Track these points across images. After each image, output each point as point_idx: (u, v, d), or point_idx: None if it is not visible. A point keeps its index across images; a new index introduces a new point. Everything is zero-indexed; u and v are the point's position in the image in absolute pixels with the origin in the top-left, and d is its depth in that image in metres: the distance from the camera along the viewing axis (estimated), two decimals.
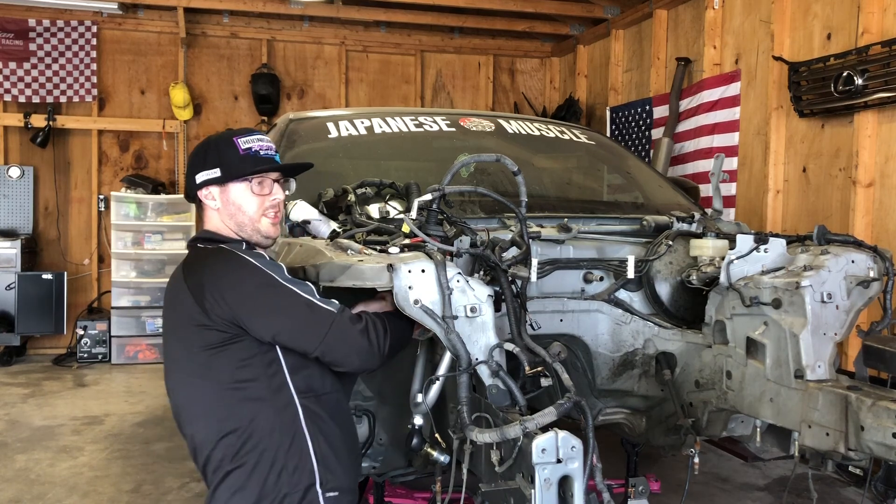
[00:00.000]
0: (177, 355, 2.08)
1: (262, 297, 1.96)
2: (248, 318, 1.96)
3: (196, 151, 2.23)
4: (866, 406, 2.10)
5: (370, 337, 1.99)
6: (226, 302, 1.95)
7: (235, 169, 2.14)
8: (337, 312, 1.98)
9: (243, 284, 1.97)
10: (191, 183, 2.20)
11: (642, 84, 7.19)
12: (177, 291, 2.07)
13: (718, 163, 3.13)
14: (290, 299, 1.96)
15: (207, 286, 1.97)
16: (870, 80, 4.50)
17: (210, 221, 2.20)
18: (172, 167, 8.16)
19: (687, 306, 2.84)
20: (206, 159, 2.17)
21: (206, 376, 2.00)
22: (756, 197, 5.59)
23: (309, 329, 1.96)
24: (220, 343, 1.97)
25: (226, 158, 2.14)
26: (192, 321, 1.99)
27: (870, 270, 2.45)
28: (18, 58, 7.63)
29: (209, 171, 2.15)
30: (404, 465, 2.74)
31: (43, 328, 7.41)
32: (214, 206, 2.17)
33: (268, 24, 8.38)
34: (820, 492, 4.25)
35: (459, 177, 3.12)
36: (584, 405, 1.86)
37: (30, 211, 7.71)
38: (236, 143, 2.16)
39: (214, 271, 2.00)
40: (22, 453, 4.87)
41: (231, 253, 2.04)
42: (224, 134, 2.22)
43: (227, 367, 1.98)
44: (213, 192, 2.16)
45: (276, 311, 1.96)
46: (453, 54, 8.94)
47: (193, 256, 2.13)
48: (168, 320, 2.15)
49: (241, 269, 2.00)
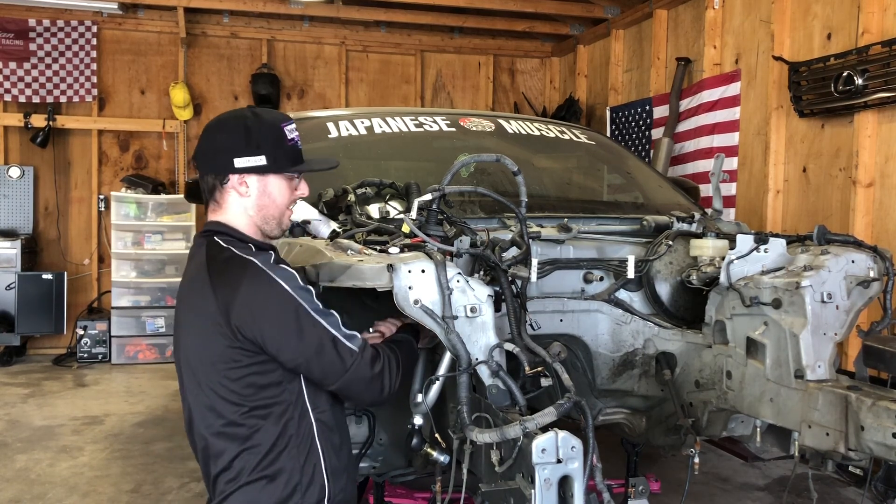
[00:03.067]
0: (195, 363, 1.98)
1: (292, 327, 1.89)
2: (275, 346, 1.91)
3: (230, 129, 2.01)
4: (866, 406, 2.10)
5: (384, 381, 1.98)
6: (256, 326, 1.87)
7: (283, 161, 2.01)
8: (359, 352, 1.94)
9: (275, 312, 1.89)
10: (222, 165, 1.99)
11: (642, 84, 7.19)
12: (202, 297, 1.94)
13: (718, 163, 3.13)
14: (318, 333, 1.90)
15: (238, 307, 1.87)
16: (870, 80, 4.50)
17: (230, 210, 2.03)
18: (172, 167, 8.16)
19: (687, 306, 2.84)
20: (248, 142, 1.98)
21: (228, 391, 1.93)
22: (756, 197, 5.59)
23: (330, 367, 1.93)
24: (243, 361, 1.91)
25: (274, 147, 1.99)
26: (217, 334, 1.90)
27: (870, 270, 2.45)
28: (18, 58, 7.63)
29: (253, 158, 1.98)
30: (404, 465, 2.74)
31: (43, 328, 7.41)
32: (245, 193, 2.01)
33: (268, 24, 8.38)
34: (820, 492, 4.25)
35: (459, 177, 3.11)
36: (584, 405, 1.86)
37: (30, 211, 7.71)
38: (284, 130, 2.01)
39: (247, 293, 1.88)
40: (22, 453, 4.87)
41: (262, 273, 1.91)
42: (265, 116, 2.04)
43: (250, 383, 1.92)
44: (249, 180, 2.00)
45: (302, 344, 1.90)
46: (453, 54, 8.94)
47: (222, 264, 1.95)
48: (187, 324, 2.02)
49: (273, 295, 1.89)
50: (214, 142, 2.02)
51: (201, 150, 2.05)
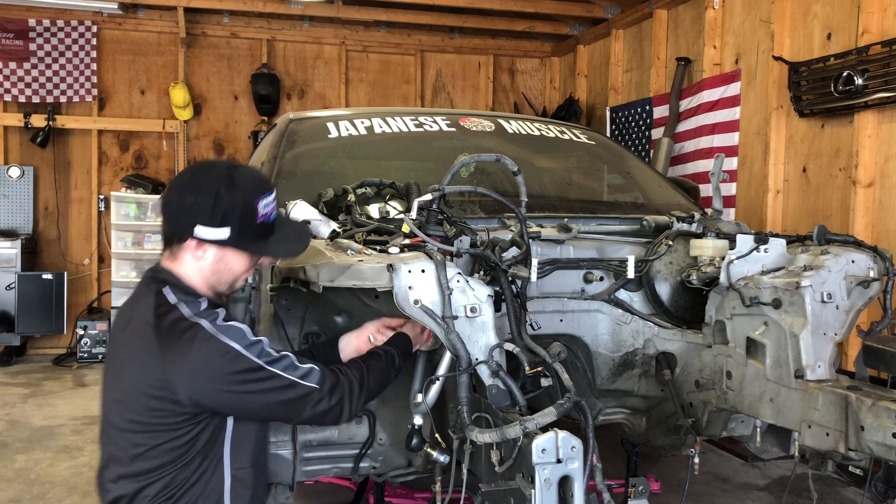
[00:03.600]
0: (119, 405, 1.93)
1: (249, 387, 1.87)
2: (230, 407, 1.91)
3: (201, 192, 1.90)
4: (866, 406, 2.10)
5: (344, 407, 1.98)
6: (206, 396, 1.86)
7: (247, 239, 1.95)
8: (318, 387, 1.93)
9: (228, 378, 1.85)
10: (185, 226, 1.92)
11: (642, 84, 7.19)
12: (145, 354, 1.87)
13: (718, 163, 3.13)
14: (275, 384, 1.89)
15: (189, 376, 1.84)
16: (870, 80, 4.50)
17: (184, 266, 1.97)
18: (172, 167, 8.16)
19: (687, 306, 2.84)
20: (214, 212, 1.89)
21: (149, 437, 1.89)
22: (756, 197, 5.59)
23: (291, 411, 1.95)
24: (177, 418, 1.88)
25: (241, 223, 1.92)
26: (157, 393, 1.85)
27: (870, 270, 2.45)
28: (18, 58, 7.63)
29: (217, 230, 1.90)
30: (404, 465, 2.74)
31: (43, 328, 7.41)
32: (201, 257, 1.95)
33: (268, 24, 8.38)
34: (820, 492, 4.25)
35: (459, 177, 3.11)
36: (584, 405, 1.86)
37: (30, 211, 7.71)
38: (257, 207, 1.93)
39: (196, 365, 1.84)
40: (22, 453, 4.87)
41: (211, 338, 1.86)
42: (243, 185, 1.93)
43: (174, 435, 1.89)
44: (207, 248, 1.94)
45: (259, 399, 1.89)
46: (453, 54, 8.94)
47: (170, 326, 1.86)
48: (119, 365, 1.95)
49: (226, 360, 1.85)
50: (182, 200, 1.93)
51: (168, 201, 1.97)
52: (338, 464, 2.72)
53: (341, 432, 2.66)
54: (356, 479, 3.07)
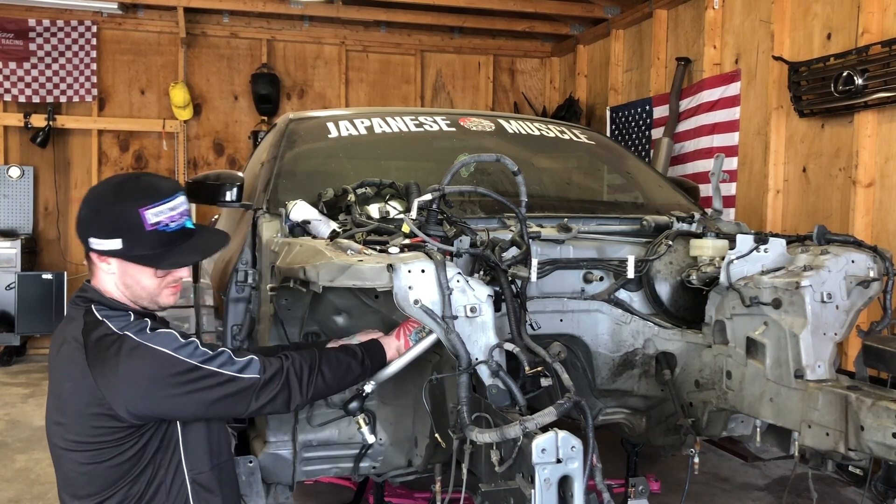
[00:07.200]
0: (60, 427, 1.93)
1: (187, 388, 1.87)
2: (171, 412, 1.91)
3: (90, 205, 1.94)
4: (866, 406, 2.10)
5: (293, 391, 1.98)
6: (145, 405, 1.86)
7: (140, 249, 1.92)
8: (259, 377, 1.94)
9: (163, 382, 1.85)
10: (83, 239, 1.94)
11: (642, 84, 7.19)
12: (79, 375, 1.87)
13: (718, 163, 3.13)
14: (213, 381, 1.89)
15: (123, 389, 1.83)
16: (870, 79, 4.50)
17: (100, 279, 1.98)
18: (172, 167, 8.16)
19: (687, 306, 2.83)
20: (101, 225, 1.90)
21: (95, 455, 1.89)
22: (756, 197, 5.59)
23: (235, 405, 1.94)
24: (120, 433, 1.89)
25: (130, 233, 1.90)
26: (95, 411, 1.86)
27: (870, 270, 2.44)
28: (18, 58, 7.63)
29: (108, 242, 1.90)
30: (404, 465, 2.74)
31: (43, 328, 7.40)
32: (108, 270, 1.95)
33: (268, 24, 8.38)
34: (820, 492, 4.25)
35: (459, 177, 3.11)
36: (584, 405, 1.86)
37: (30, 211, 7.71)
38: (142, 215, 1.89)
39: (129, 372, 1.83)
40: (22, 453, 4.87)
41: (139, 346, 1.86)
42: (127, 196, 1.92)
43: (120, 450, 1.90)
44: (110, 260, 1.93)
45: (199, 398, 1.89)
46: (453, 54, 8.94)
47: (97, 342, 1.87)
48: (56, 387, 1.95)
49: (157, 365, 1.85)
50: (81, 213, 1.96)
51: (78, 213, 1.98)
52: (338, 464, 2.72)
53: (341, 432, 2.66)
54: (356, 479, 3.07)
